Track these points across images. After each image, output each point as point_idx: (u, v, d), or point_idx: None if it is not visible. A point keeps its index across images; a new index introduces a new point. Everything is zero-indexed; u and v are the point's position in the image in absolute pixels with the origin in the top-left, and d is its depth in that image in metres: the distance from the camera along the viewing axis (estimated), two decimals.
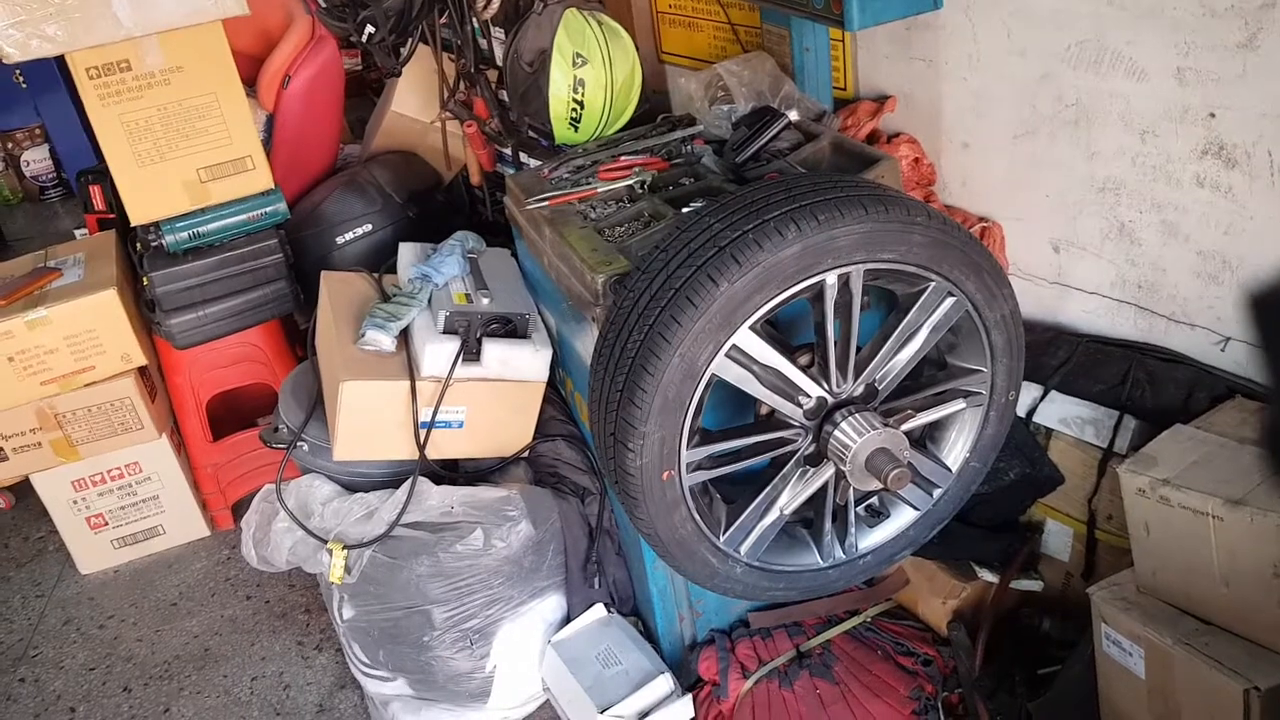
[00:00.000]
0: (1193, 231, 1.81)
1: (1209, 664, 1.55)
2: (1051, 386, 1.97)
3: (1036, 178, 2.05)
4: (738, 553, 1.67)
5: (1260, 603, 1.54)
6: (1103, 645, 1.75)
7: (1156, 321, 1.94)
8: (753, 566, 1.70)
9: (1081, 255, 2.03)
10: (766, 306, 1.47)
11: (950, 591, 2.08)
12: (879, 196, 1.49)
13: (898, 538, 1.81)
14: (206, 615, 2.67)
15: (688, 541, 1.62)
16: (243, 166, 2.51)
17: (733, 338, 1.47)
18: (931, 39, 2.13)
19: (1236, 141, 1.69)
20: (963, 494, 1.81)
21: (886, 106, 2.23)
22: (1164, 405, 1.83)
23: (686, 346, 1.44)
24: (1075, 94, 1.90)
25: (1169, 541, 1.65)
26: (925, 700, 1.95)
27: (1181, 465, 1.65)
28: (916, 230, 1.50)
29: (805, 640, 2.09)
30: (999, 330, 1.65)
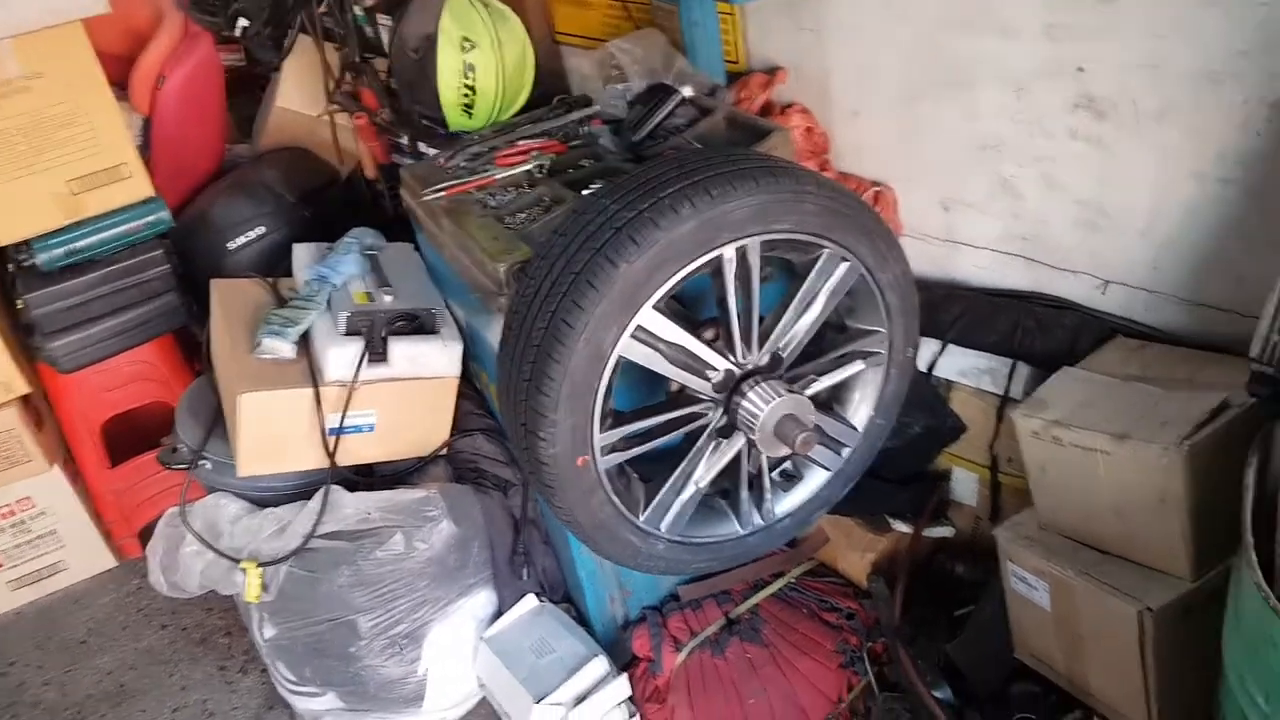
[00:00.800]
0: (1070, 182, 1.89)
1: (1106, 590, 1.64)
2: (949, 340, 2.04)
3: (923, 140, 2.11)
4: (658, 530, 1.69)
5: (1148, 529, 1.64)
6: (1010, 582, 1.84)
7: (1042, 271, 2.03)
8: (675, 542, 1.72)
9: (969, 212, 2.10)
10: (667, 284, 1.48)
11: (867, 545, 2.15)
12: (770, 168, 1.52)
13: (813, 499, 1.86)
14: (119, 650, 2.56)
15: (608, 524, 1.63)
16: (118, 175, 2.40)
17: (636, 318, 1.48)
18: (816, 9, 2.16)
19: (1104, 93, 1.77)
20: (871, 451, 1.87)
21: (777, 78, 2.26)
22: (1053, 350, 1.92)
23: (591, 330, 1.44)
24: (954, 56, 1.95)
25: (1064, 479, 1.74)
26: (851, 652, 2.02)
27: (1070, 406, 1.73)
28: (807, 199, 1.53)
29: (734, 607, 2.14)
30: (893, 291, 1.70)
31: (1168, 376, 1.73)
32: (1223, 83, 1.61)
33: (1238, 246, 1.72)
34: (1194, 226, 1.76)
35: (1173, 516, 1.59)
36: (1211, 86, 1.63)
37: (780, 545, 2.04)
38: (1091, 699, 1.81)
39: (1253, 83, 1.57)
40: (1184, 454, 1.53)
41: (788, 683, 1.99)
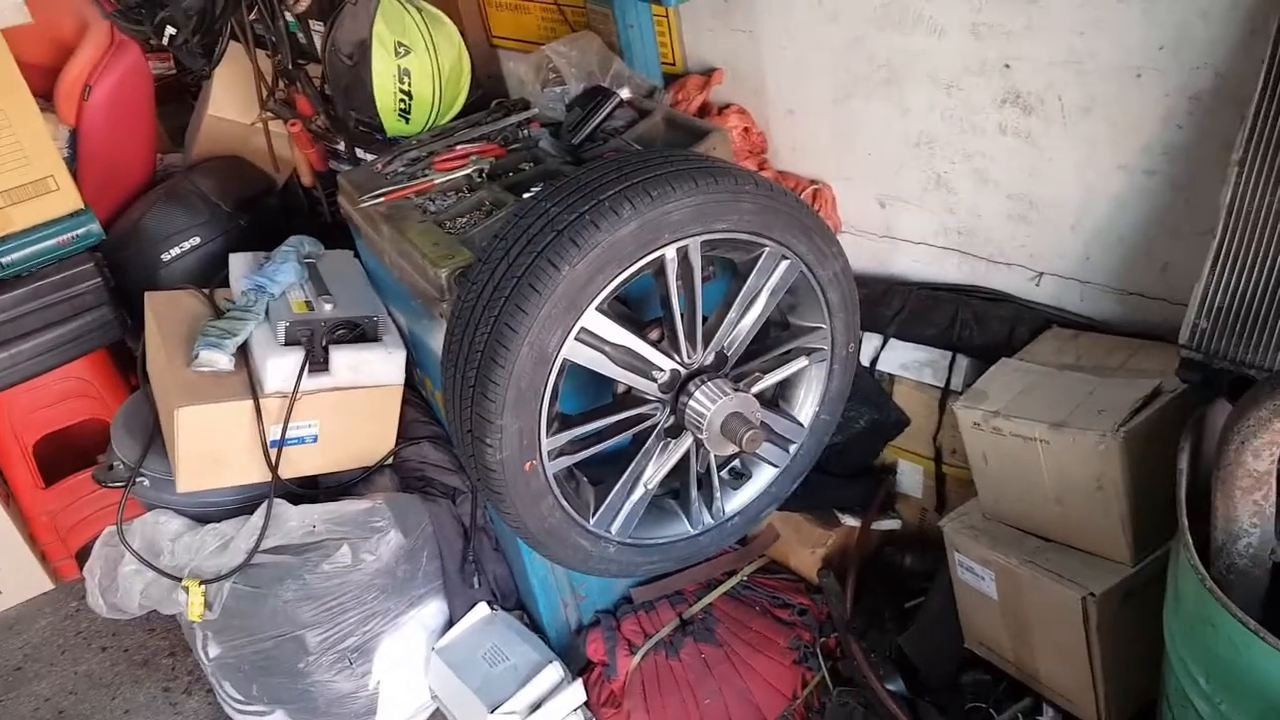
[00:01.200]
0: (1001, 177, 1.93)
1: (1050, 577, 1.67)
2: (890, 335, 2.07)
3: (858, 138, 2.13)
4: (609, 533, 1.69)
5: (1088, 515, 1.67)
6: (958, 572, 1.86)
7: (977, 264, 2.06)
8: (625, 544, 1.72)
9: (906, 208, 2.13)
10: (610, 286, 1.47)
11: (817, 540, 2.17)
12: (708, 169, 1.52)
13: (761, 495, 1.87)
14: (58, 675, 2.49)
15: (558, 529, 1.62)
16: (44, 188, 2.34)
17: (580, 320, 1.47)
18: (749, 10, 2.18)
19: (1031, 89, 1.81)
20: (817, 446, 1.89)
21: (714, 79, 2.27)
22: (990, 341, 1.95)
23: (535, 334, 1.43)
24: (885, 55, 1.98)
25: (1005, 468, 1.77)
26: (804, 648, 2.03)
27: (1009, 396, 1.76)
28: (745, 199, 1.54)
29: (687, 607, 2.14)
30: (833, 287, 1.72)
31: (1102, 365, 1.77)
32: (1144, 77, 1.66)
33: (1164, 236, 1.76)
34: (1122, 218, 1.81)
35: (1111, 502, 1.62)
36: (1134, 81, 1.67)
37: (731, 544, 2.04)
38: (1040, 685, 1.84)
39: (1173, 77, 1.62)
40: (1120, 440, 1.56)
41: (743, 681, 2.00)
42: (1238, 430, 1.31)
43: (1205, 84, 1.60)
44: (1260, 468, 1.32)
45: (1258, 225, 1.50)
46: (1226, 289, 1.54)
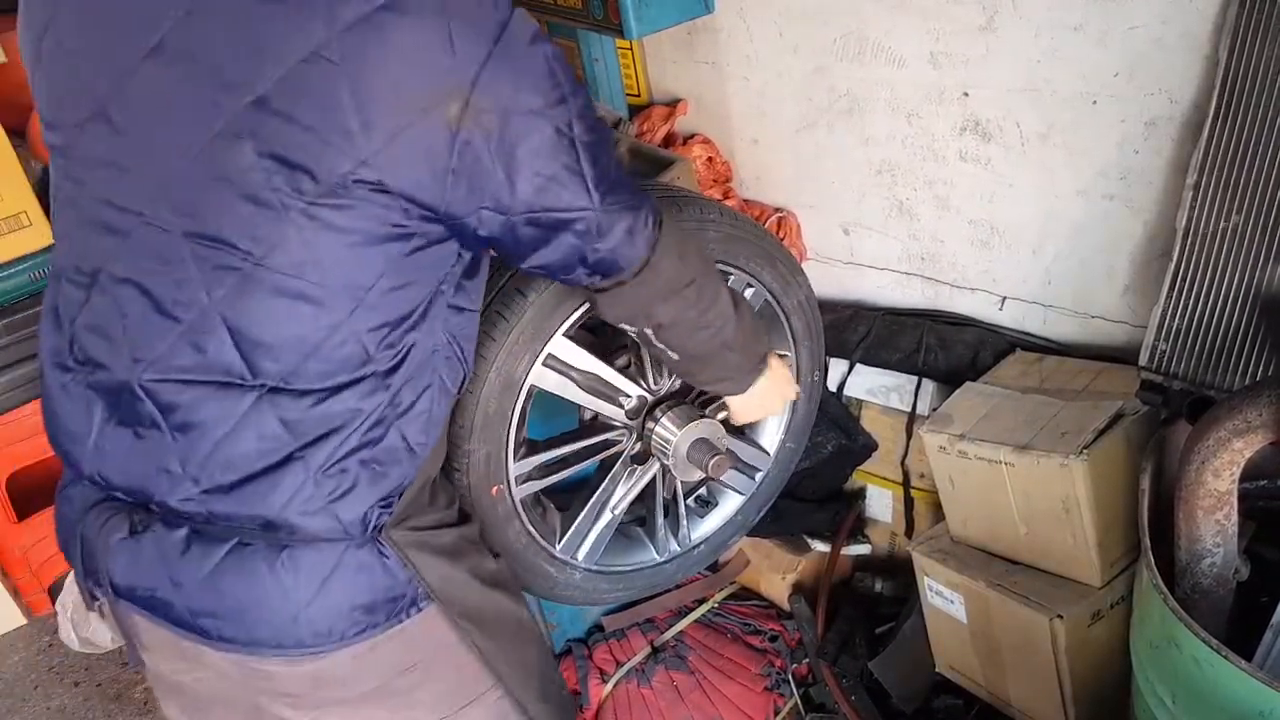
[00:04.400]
0: (962, 203, 1.96)
1: (1018, 600, 1.68)
2: (856, 360, 2.08)
3: (821, 166, 2.16)
4: (575, 559, 1.68)
5: (1055, 537, 1.68)
6: (927, 596, 1.86)
7: (941, 289, 2.08)
8: (591, 571, 1.71)
9: (869, 235, 2.15)
10: (577, 313, 1.48)
11: (788, 566, 2.17)
12: (673, 198, 1.53)
13: (728, 523, 1.86)
14: (30, 711, 2.46)
15: (524, 554, 1.61)
16: (18, 224, 2.34)
17: (548, 346, 1.48)
18: (712, 42, 2.21)
19: (989, 116, 1.84)
20: (784, 474, 1.88)
21: (678, 110, 2.30)
22: (955, 365, 1.97)
23: (502, 360, 1.43)
24: (846, 85, 2.01)
25: (972, 492, 1.78)
26: (776, 675, 2.03)
27: (974, 420, 1.77)
28: (710, 227, 1.55)
29: (659, 635, 2.13)
30: (797, 316, 1.73)
31: (1066, 388, 1.79)
32: (1100, 104, 1.69)
33: (1124, 260, 1.79)
34: (1082, 242, 1.83)
35: (1077, 524, 1.63)
36: (1090, 108, 1.70)
37: (696, 572, 2.03)
38: (1012, 709, 1.84)
39: (1129, 103, 1.65)
40: (1083, 462, 1.57)
41: (715, 708, 1.98)
42: (1198, 450, 1.33)
43: (1160, 110, 1.63)
44: (1221, 487, 1.33)
45: (1213, 248, 1.53)
46: (1184, 311, 1.56)
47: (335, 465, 1.01)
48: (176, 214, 0.96)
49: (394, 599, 1.08)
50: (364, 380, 1.01)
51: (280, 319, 0.97)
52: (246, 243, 0.94)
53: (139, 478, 1.04)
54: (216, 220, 0.95)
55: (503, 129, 0.94)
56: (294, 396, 0.99)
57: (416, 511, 1.12)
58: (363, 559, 1.05)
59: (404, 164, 0.92)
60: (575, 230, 1.04)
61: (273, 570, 1.02)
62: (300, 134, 0.90)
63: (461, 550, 1.17)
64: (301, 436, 1.00)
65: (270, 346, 0.97)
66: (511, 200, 0.98)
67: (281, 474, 1.00)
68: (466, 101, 0.91)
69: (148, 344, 1.00)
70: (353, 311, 0.97)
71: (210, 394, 0.99)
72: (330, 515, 1.02)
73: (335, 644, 1.05)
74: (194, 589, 1.04)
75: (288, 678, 1.08)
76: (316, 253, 0.94)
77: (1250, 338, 1.50)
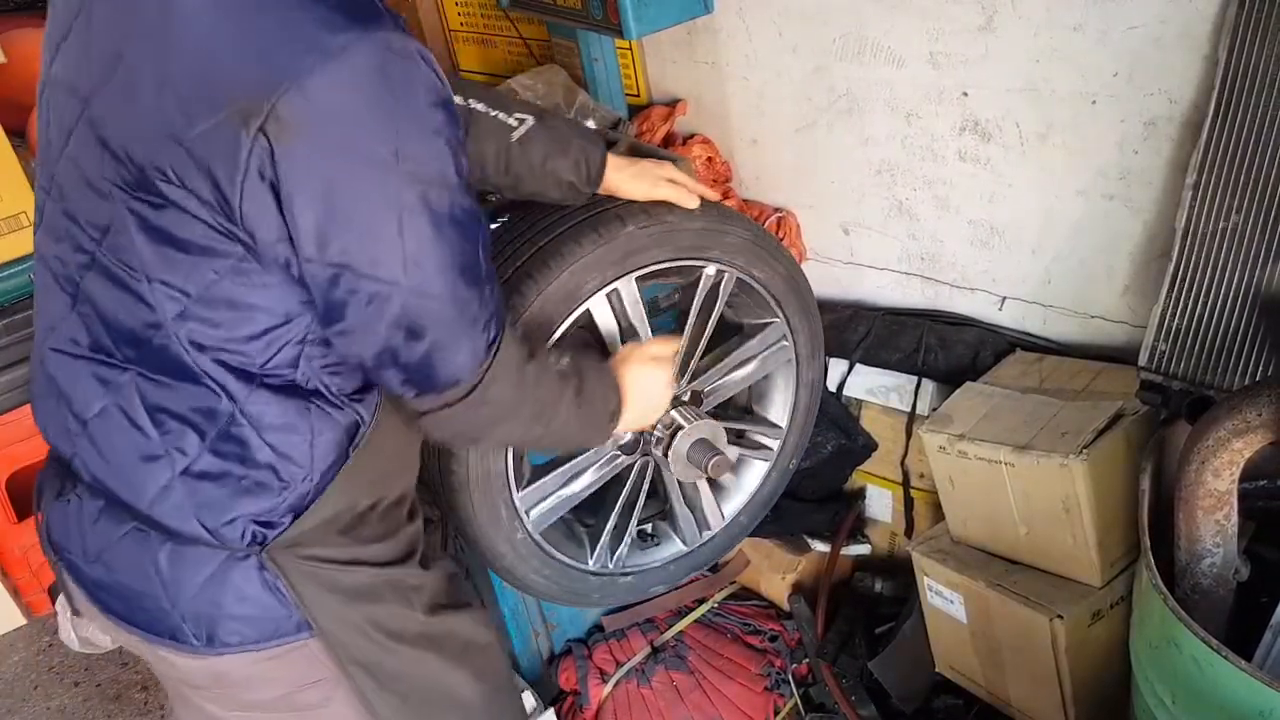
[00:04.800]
0: (962, 203, 1.95)
1: (1018, 601, 1.68)
2: (855, 360, 2.08)
3: (821, 166, 2.16)
4: (609, 568, 1.67)
5: (1055, 537, 1.68)
6: (927, 596, 1.86)
7: (941, 289, 2.08)
8: (625, 574, 1.70)
9: (869, 234, 2.15)
10: (572, 316, 1.47)
11: (788, 566, 2.17)
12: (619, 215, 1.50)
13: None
14: (30, 711, 2.46)
15: (561, 579, 1.60)
16: (17, 224, 2.35)
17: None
18: (711, 42, 2.21)
19: (989, 116, 1.83)
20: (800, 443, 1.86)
21: (678, 110, 2.30)
22: (955, 365, 1.96)
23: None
24: (845, 85, 2.01)
25: (971, 492, 1.78)
26: (776, 675, 2.03)
27: (974, 420, 1.77)
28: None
29: (658, 635, 2.13)
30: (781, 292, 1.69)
31: (1066, 388, 1.79)
32: (1100, 104, 1.68)
33: (1123, 260, 1.78)
34: (1081, 242, 1.83)
35: (1077, 524, 1.63)
36: (1089, 108, 1.70)
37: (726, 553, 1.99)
38: (1012, 709, 1.84)
39: (1128, 103, 1.65)
40: (1083, 462, 1.57)
41: (714, 708, 1.99)
42: (1198, 450, 1.33)
43: (1159, 110, 1.62)
44: (1221, 487, 1.33)
45: (1213, 248, 1.53)
46: (1184, 311, 1.56)
47: (200, 469, 0.99)
48: (59, 191, 1.00)
49: (276, 620, 1.04)
50: (203, 386, 0.97)
51: (124, 310, 0.96)
52: (92, 230, 0.96)
53: (59, 442, 1.06)
54: (75, 200, 0.97)
55: (305, 156, 0.83)
56: (155, 385, 0.97)
57: (320, 540, 1.05)
58: (244, 573, 1.02)
59: (200, 168, 0.85)
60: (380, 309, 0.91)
61: (156, 560, 1.02)
62: (123, 119, 0.89)
63: (372, 594, 1.09)
64: (166, 430, 0.98)
65: (119, 333, 0.97)
66: (298, 235, 0.87)
67: (151, 467, 0.99)
68: (269, 112, 0.81)
69: (51, 314, 1.03)
70: (177, 318, 0.93)
71: (89, 370, 1.00)
72: (196, 521, 1.00)
73: (216, 649, 1.03)
74: (95, 560, 1.05)
75: (186, 669, 1.08)
76: (136, 247, 0.92)
77: (1250, 338, 1.49)
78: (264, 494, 1.00)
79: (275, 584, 1.03)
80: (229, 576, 1.02)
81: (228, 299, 0.93)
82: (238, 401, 0.97)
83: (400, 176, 0.86)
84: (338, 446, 1.03)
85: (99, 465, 1.02)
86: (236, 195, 0.86)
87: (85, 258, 0.97)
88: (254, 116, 0.81)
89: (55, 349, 1.02)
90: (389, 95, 0.84)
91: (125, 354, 0.98)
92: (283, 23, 0.83)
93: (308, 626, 1.05)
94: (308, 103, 0.81)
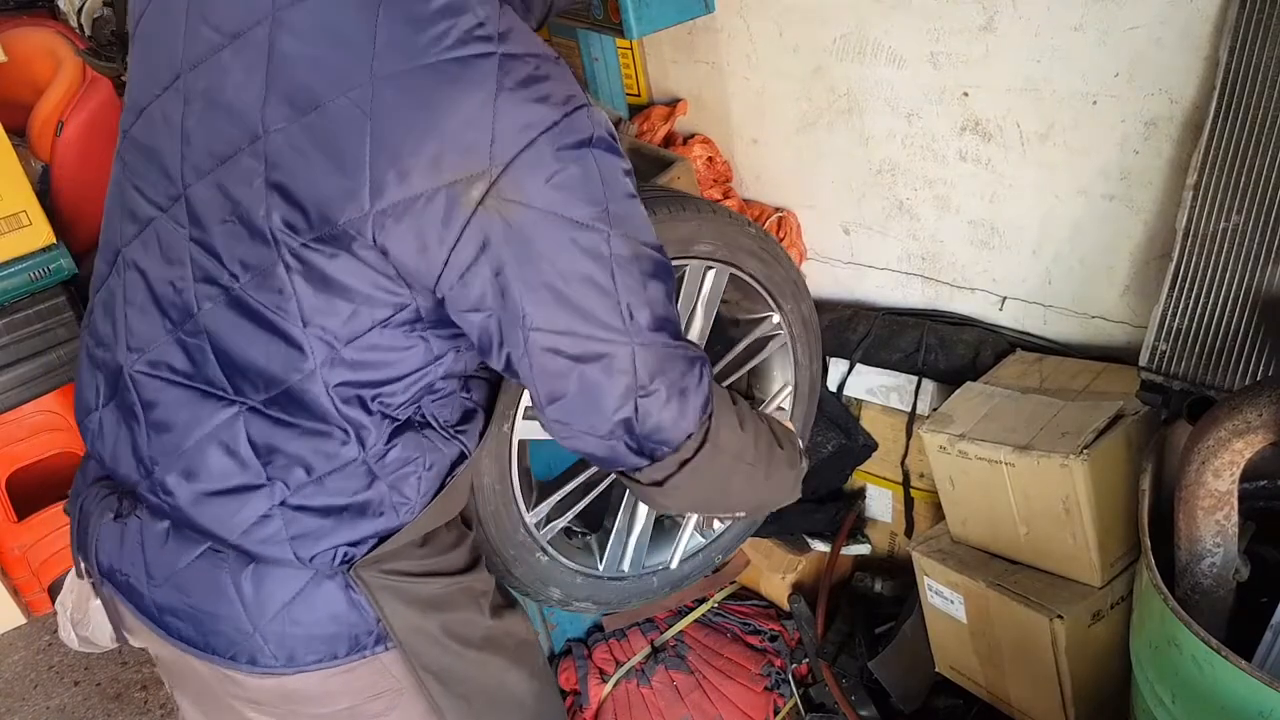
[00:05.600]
0: (962, 203, 1.95)
1: (1018, 601, 1.67)
2: (855, 360, 2.08)
3: (821, 166, 2.16)
4: (622, 571, 1.66)
5: (1055, 537, 1.68)
6: (927, 596, 1.86)
7: (941, 289, 2.08)
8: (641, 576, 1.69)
9: (869, 234, 2.15)
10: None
11: (787, 566, 2.16)
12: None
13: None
14: (30, 710, 2.46)
15: (581, 587, 1.59)
16: (17, 223, 2.34)
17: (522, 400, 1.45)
18: (712, 42, 2.21)
19: (989, 116, 1.83)
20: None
21: (678, 110, 2.30)
22: (955, 365, 1.96)
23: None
24: (846, 84, 2.01)
25: (972, 491, 1.78)
26: (776, 674, 2.03)
27: (974, 420, 1.77)
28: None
29: (658, 635, 2.13)
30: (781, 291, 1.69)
31: (1066, 388, 1.79)
32: (1100, 104, 1.68)
33: (1124, 260, 1.78)
34: (1082, 242, 1.83)
35: (1077, 524, 1.63)
36: (1090, 108, 1.70)
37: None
38: (1012, 709, 1.84)
39: (1129, 103, 1.64)
40: (1084, 462, 1.57)
41: (715, 708, 1.99)
42: (1198, 450, 1.33)
43: (1160, 110, 1.62)
44: (1221, 487, 1.33)
45: (1213, 248, 1.53)
46: (1184, 312, 1.56)
47: (303, 502, 0.98)
48: (189, 217, 0.95)
49: (356, 635, 1.04)
50: (335, 429, 0.96)
51: (258, 348, 0.94)
52: (235, 266, 0.93)
53: (123, 464, 1.03)
54: (219, 233, 0.93)
55: (524, 224, 0.85)
56: (271, 423, 0.96)
57: (400, 556, 1.06)
58: (329, 591, 1.02)
59: (407, 230, 0.85)
60: (606, 368, 0.90)
61: (237, 582, 1.00)
62: (309, 172, 0.87)
63: (446, 603, 1.10)
64: (271, 464, 0.97)
65: (246, 371, 0.95)
66: (518, 310, 0.88)
67: (247, 497, 0.98)
68: (493, 183, 0.83)
69: (143, 334, 1.00)
70: (326, 362, 0.93)
71: (191, 399, 0.98)
72: (289, 550, 0.99)
73: (295, 668, 1.03)
74: (163, 584, 1.03)
75: (256, 688, 1.06)
76: (295, 291, 0.90)
77: (1250, 338, 1.49)
78: (362, 523, 1.01)
79: (359, 600, 1.03)
80: (315, 596, 1.02)
81: (388, 344, 0.94)
82: (365, 447, 0.97)
83: (613, 236, 0.89)
84: (441, 477, 1.05)
85: (185, 491, 0.99)
86: (439, 263, 0.86)
87: (216, 290, 0.94)
88: (472, 187, 0.83)
89: (147, 373, 1.00)
90: (596, 168, 0.87)
91: (241, 389, 0.96)
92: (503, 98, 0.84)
93: (385, 639, 1.05)
94: (529, 174, 0.84)
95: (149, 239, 0.99)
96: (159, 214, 0.98)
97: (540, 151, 0.84)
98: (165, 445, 0.99)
